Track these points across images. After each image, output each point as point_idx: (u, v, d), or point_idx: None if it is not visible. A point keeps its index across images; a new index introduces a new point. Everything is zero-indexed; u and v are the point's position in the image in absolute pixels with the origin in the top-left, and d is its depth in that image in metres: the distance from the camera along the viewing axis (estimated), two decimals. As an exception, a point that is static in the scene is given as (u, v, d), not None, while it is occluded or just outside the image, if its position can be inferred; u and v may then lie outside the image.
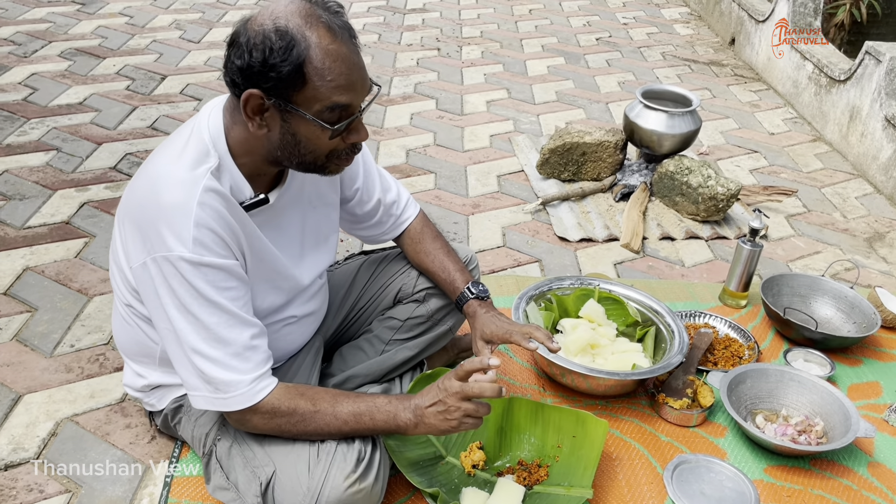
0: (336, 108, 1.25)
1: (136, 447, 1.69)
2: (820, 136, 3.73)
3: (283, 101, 1.24)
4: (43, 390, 1.83)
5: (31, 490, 1.57)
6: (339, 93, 1.24)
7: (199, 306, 1.28)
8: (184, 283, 1.26)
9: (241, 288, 1.34)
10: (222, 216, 1.29)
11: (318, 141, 1.29)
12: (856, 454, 1.79)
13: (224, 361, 1.30)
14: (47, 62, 3.93)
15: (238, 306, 1.32)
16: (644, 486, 1.66)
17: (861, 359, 2.12)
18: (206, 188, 1.27)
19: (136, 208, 1.30)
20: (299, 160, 1.33)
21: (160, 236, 1.25)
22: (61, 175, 2.82)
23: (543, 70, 4.40)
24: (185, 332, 1.29)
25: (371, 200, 1.67)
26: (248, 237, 1.36)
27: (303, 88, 1.23)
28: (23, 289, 2.19)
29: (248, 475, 1.41)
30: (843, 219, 2.95)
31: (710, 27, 5.50)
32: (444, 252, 1.72)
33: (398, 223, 1.74)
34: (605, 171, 2.98)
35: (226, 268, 1.30)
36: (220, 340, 1.30)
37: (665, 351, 1.92)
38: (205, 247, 1.26)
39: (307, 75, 1.22)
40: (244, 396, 1.33)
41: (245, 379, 1.32)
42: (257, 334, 1.35)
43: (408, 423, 1.39)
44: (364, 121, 1.34)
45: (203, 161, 1.29)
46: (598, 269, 2.49)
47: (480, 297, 1.65)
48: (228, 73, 1.25)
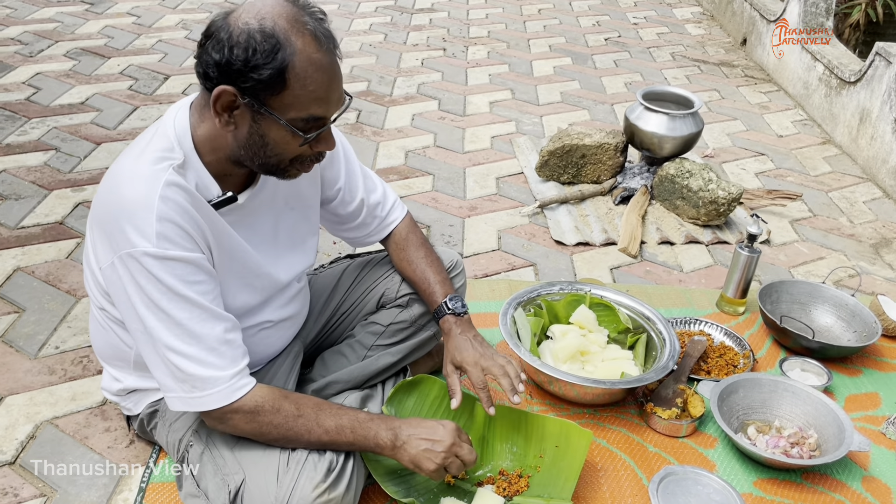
0: (310, 118, 1.25)
1: (114, 451, 1.68)
2: (829, 138, 3.66)
3: (257, 102, 1.22)
4: (25, 392, 1.82)
5: (6, 493, 1.56)
6: (316, 104, 1.24)
7: (169, 301, 1.26)
8: (151, 278, 1.24)
9: (209, 282, 1.32)
10: (186, 210, 1.27)
11: (287, 146, 1.28)
12: (850, 468, 1.74)
13: (199, 357, 1.28)
14: (52, 62, 3.95)
15: (208, 300, 1.30)
16: (628, 499, 1.62)
17: (861, 369, 2.06)
18: (167, 182, 1.25)
19: (101, 209, 1.29)
20: (262, 161, 1.30)
21: (123, 233, 1.23)
22: (58, 175, 2.82)
23: (549, 70, 4.36)
24: (156, 330, 1.27)
25: (354, 201, 1.64)
26: (216, 234, 1.34)
27: (281, 93, 1.21)
28: (12, 289, 2.18)
29: (219, 482, 1.39)
30: (849, 224, 2.89)
31: (722, 27, 5.43)
32: (427, 261, 1.69)
33: (383, 225, 1.71)
34: (605, 173, 2.94)
35: (192, 261, 1.27)
36: (193, 336, 1.27)
37: (656, 359, 1.87)
38: (169, 240, 1.24)
39: (288, 81, 1.20)
40: (222, 394, 1.30)
41: (223, 375, 1.30)
42: (230, 328, 1.33)
43: (385, 445, 1.39)
44: (364, 122, 1.33)
45: (166, 158, 1.27)
46: (593, 273, 2.45)
47: (457, 313, 1.61)
48: (202, 65, 1.23)
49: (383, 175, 2.99)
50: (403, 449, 1.41)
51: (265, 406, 1.33)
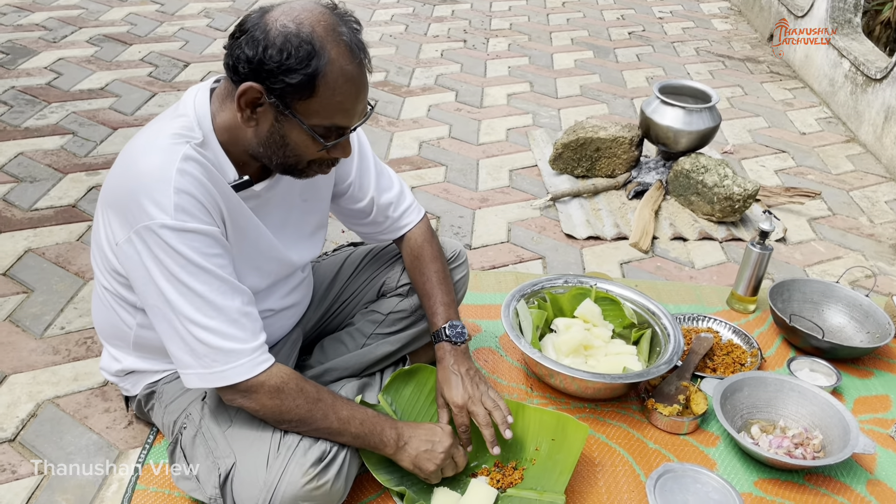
0: (333, 127, 1.26)
1: (112, 432, 1.69)
2: (854, 136, 3.58)
3: (283, 104, 1.22)
4: (28, 371, 1.84)
5: (3, 470, 1.58)
6: (341, 114, 1.25)
7: (188, 274, 1.25)
8: (169, 251, 1.24)
9: (226, 255, 1.32)
10: (203, 184, 1.26)
11: (306, 149, 1.29)
12: (855, 470, 1.70)
13: (221, 330, 1.27)
14: (75, 48, 3.99)
15: (227, 273, 1.30)
16: (625, 495, 1.60)
17: (872, 370, 2.01)
18: (185, 156, 1.25)
19: (115, 185, 1.29)
20: (280, 161, 1.31)
21: (141, 207, 1.23)
22: (73, 159, 2.85)
23: (570, 64, 4.31)
24: (177, 304, 1.26)
25: (364, 198, 1.62)
26: (232, 211, 1.34)
27: (308, 99, 1.21)
28: (22, 270, 2.21)
29: (209, 465, 1.39)
30: (869, 223, 2.82)
31: (749, 22, 5.34)
32: (438, 278, 1.65)
33: (396, 226, 1.68)
34: (619, 167, 2.90)
35: (209, 234, 1.27)
36: (215, 308, 1.27)
37: (659, 354, 1.84)
38: (187, 213, 1.24)
39: (317, 88, 1.20)
40: (245, 367, 1.30)
41: (246, 348, 1.30)
42: (248, 301, 1.33)
43: (389, 443, 1.42)
44: (380, 112, 1.33)
45: (184, 135, 1.27)
46: (603, 268, 2.42)
47: (453, 341, 1.59)
48: (232, 58, 1.22)
49: (396, 165, 2.98)
50: (405, 449, 1.44)
51: (290, 384, 1.34)
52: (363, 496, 1.54)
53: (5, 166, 2.77)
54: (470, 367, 1.59)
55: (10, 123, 3.10)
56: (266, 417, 1.36)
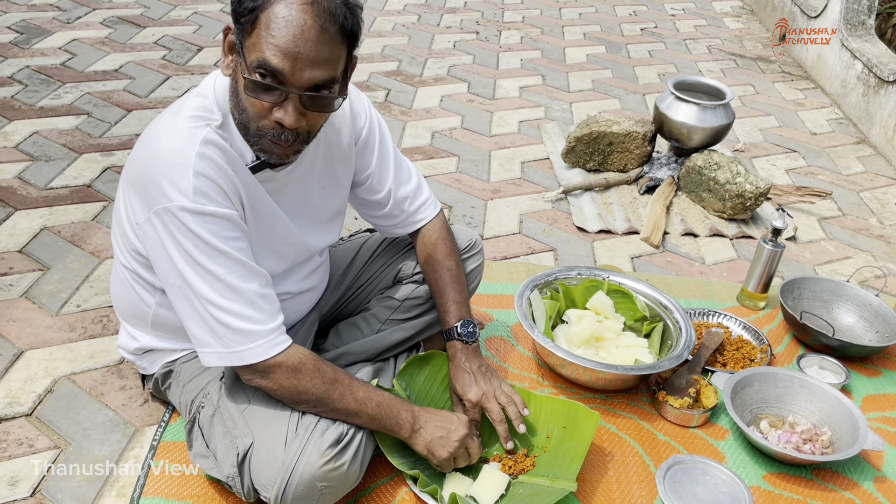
0: (266, 66, 1.20)
1: (128, 409, 1.70)
2: (865, 138, 3.58)
3: (239, 41, 1.24)
4: (45, 347, 1.86)
5: (21, 444, 1.59)
6: (273, 50, 1.19)
7: (207, 256, 1.27)
8: (188, 233, 1.25)
9: (244, 238, 1.33)
10: (222, 168, 1.28)
11: (249, 100, 1.25)
12: (863, 467, 1.71)
13: (239, 311, 1.29)
14: (89, 29, 3.99)
15: (245, 256, 1.32)
16: (634, 485, 1.62)
17: (880, 370, 2.03)
18: (205, 140, 1.26)
19: (137, 165, 1.31)
20: (239, 118, 1.29)
21: (160, 188, 1.25)
22: (88, 139, 2.86)
23: (582, 58, 4.32)
24: (196, 285, 1.28)
25: (382, 190, 1.62)
26: (250, 195, 1.35)
27: (251, 33, 1.21)
28: (38, 248, 2.22)
29: (227, 444, 1.40)
30: (879, 224, 2.83)
31: (761, 22, 5.33)
32: (451, 275, 1.65)
33: (411, 221, 1.68)
34: (631, 162, 2.91)
35: (228, 217, 1.29)
36: (233, 290, 1.29)
37: (671, 348, 1.86)
38: (206, 196, 1.25)
39: (258, 21, 1.20)
40: (263, 347, 1.31)
41: (263, 329, 1.31)
42: (266, 283, 1.35)
43: (404, 425, 1.43)
44: (393, 101, 1.33)
45: (204, 117, 1.29)
46: (613, 261, 2.43)
47: (465, 340, 1.60)
48: None
49: (408, 154, 2.99)
50: (420, 433, 1.45)
51: (307, 365, 1.35)
52: (377, 478, 1.55)
53: (21, 144, 2.78)
54: (482, 364, 1.60)
55: (25, 102, 3.11)
56: (283, 398, 1.38)
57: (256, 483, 1.36)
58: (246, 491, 1.38)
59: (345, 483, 1.39)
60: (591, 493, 1.58)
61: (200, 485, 1.51)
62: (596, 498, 1.57)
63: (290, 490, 1.33)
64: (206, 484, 1.51)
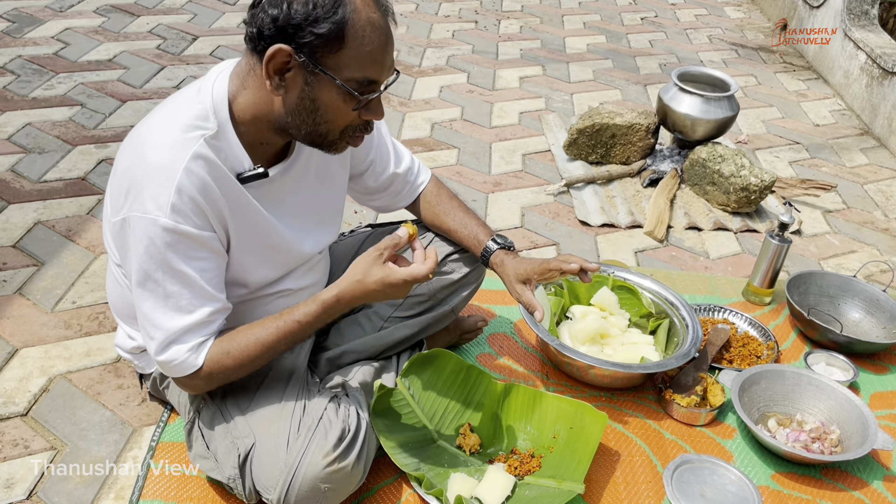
0: (365, 80, 1.22)
1: (126, 409, 1.67)
2: (868, 129, 3.55)
3: (313, 61, 1.18)
4: (40, 345, 1.82)
5: (16, 444, 1.56)
6: (372, 66, 1.21)
7: (164, 273, 1.25)
8: (153, 247, 1.23)
9: (212, 259, 1.30)
10: (207, 186, 1.24)
11: (338, 111, 1.24)
12: (872, 466, 1.69)
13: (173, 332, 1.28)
14: (82, 17, 3.93)
15: (205, 279, 1.28)
16: (642, 485, 1.59)
17: (888, 366, 2.00)
18: (195, 154, 1.22)
19: (125, 165, 1.27)
20: (311, 129, 1.27)
21: (140, 196, 1.22)
22: (82, 131, 2.81)
23: (582, 48, 4.27)
24: (141, 297, 1.27)
25: (385, 173, 1.62)
26: (237, 210, 1.31)
27: (338, 52, 1.18)
28: (32, 242, 2.18)
29: (228, 445, 1.38)
30: (884, 218, 2.81)
31: (762, 11, 5.29)
32: (464, 210, 1.68)
33: (412, 189, 1.69)
34: (634, 154, 2.88)
35: (199, 239, 1.26)
36: (178, 310, 1.27)
37: (677, 345, 1.83)
38: (181, 214, 1.22)
39: (346, 38, 1.17)
40: (180, 367, 1.30)
41: (182, 348, 1.29)
42: (218, 310, 1.31)
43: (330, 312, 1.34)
44: (391, 92, 1.30)
45: (199, 126, 1.24)
46: (617, 255, 2.40)
47: (506, 247, 1.61)
48: (255, 24, 1.19)
49: (408, 146, 2.95)
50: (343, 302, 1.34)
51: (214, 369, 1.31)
52: (381, 479, 1.53)
53: (13, 136, 2.73)
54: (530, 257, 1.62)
55: (18, 93, 3.06)
56: None
57: (258, 485, 1.34)
58: (247, 493, 1.36)
59: (348, 484, 1.36)
60: (598, 494, 1.56)
61: (201, 486, 1.49)
62: (603, 499, 1.55)
63: (292, 492, 1.30)
64: (206, 485, 1.49)
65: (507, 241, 1.63)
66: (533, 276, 1.55)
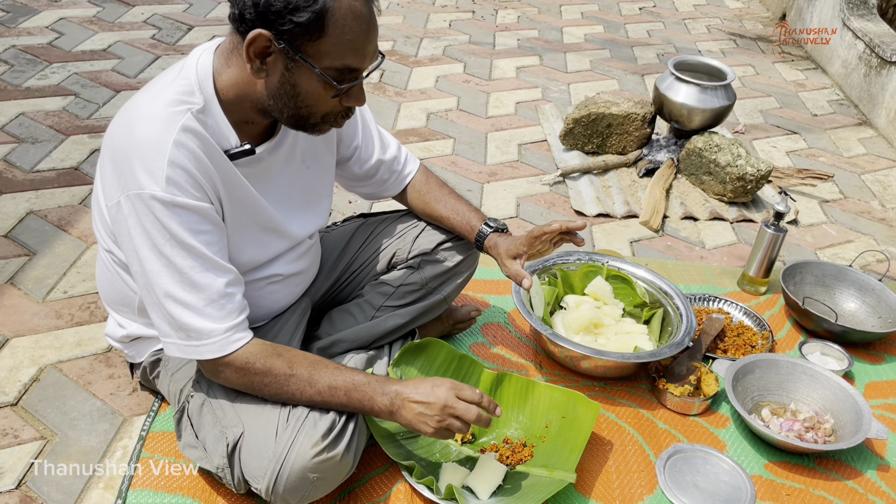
0: (345, 69, 1.21)
1: (117, 399, 1.66)
2: (866, 119, 3.54)
3: (293, 48, 1.17)
4: (30, 335, 1.81)
5: (6, 434, 1.55)
6: (352, 54, 1.20)
7: (172, 248, 1.23)
8: (156, 223, 1.21)
9: (216, 232, 1.28)
10: (198, 158, 1.23)
11: (318, 97, 1.24)
12: (865, 455, 1.69)
13: (198, 307, 1.25)
14: (76, 7, 3.91)
15: (213, 251, 1.27)
16: (634, 474, 1.59)
17: (883, 356, 1.99)
18: (183, 127, 1.21)
19: (112, 145, 1.25)
20: (293, 112, 1.26)
21: (133, 173, 1.20)
22: (76, 121, 2.80)
23: (580, 38, 4.25)
24: (157, 275, 1.24)
25: (370, 160, 1.62)
26: (228, 184, 1.30)
27: (318, 40, 1.17)
28: (23, 232, 2.17)
29: (217, 435, 1.37)
30: (881, 208, 2.80)
31: (761, 1, 5.26)
32: (455, 197, 1.68)
33: (400, 178, 1.68)
34: (631, 144, 2.86)
35: (199, 210, 1.24)
36: (194, 285, 1.25)
37: (671, 335, 1.82)
38: (178, 187, 1.21)
39: (326, 27, 1.16)
40: (216, 346, 1.28)
41: (219, 328, 1.27)
42: (233, 281, 1.30)
43: (381, 410, 1.33)
44: (387, 82, 1.28)
45: (185, 101, 1.23)
46: (612, 245, 2.39)
47: (499, 229, 1.63)
48: (238, 6, 1.17)
49: (403, 136, 2.93)
50: (400, 414, 1.35)
51: (255, 364, 1.30)
52: (372, 469, 1.52)
53: (6, 126, 2.72)
54: None
55: (11, 83, 3.04)
56: (241, 390, 1.36)
57: (247, 474, 1.33)
58: (236, 482, 1.35)
59: (338, 474, 1.35)
60: (590, 483, 1.55)
61: (190, 476, 1.48)
62: (595, 488, 1.54)
63: (281, 481, 1.29)
64: (195, 475, 1.48)
65: (500, 224, 1.63)
66: (521, 248, 1.56)
